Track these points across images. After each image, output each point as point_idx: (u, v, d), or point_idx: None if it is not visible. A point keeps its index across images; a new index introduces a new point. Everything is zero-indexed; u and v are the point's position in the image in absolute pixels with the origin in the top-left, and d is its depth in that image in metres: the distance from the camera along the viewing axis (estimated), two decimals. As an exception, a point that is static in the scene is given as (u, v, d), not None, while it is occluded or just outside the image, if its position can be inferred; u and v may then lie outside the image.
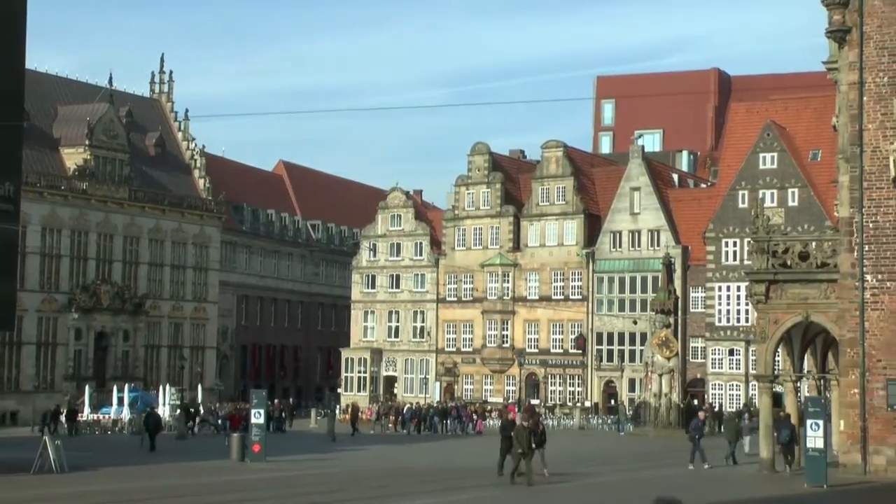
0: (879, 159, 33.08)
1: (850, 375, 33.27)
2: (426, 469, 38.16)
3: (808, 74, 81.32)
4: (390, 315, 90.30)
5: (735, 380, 76.05)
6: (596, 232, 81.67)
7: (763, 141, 75.54)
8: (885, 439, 32.52)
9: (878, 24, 33.27)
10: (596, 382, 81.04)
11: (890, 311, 32.75)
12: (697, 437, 38.28)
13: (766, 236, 35.60)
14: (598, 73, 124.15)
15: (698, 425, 39.50)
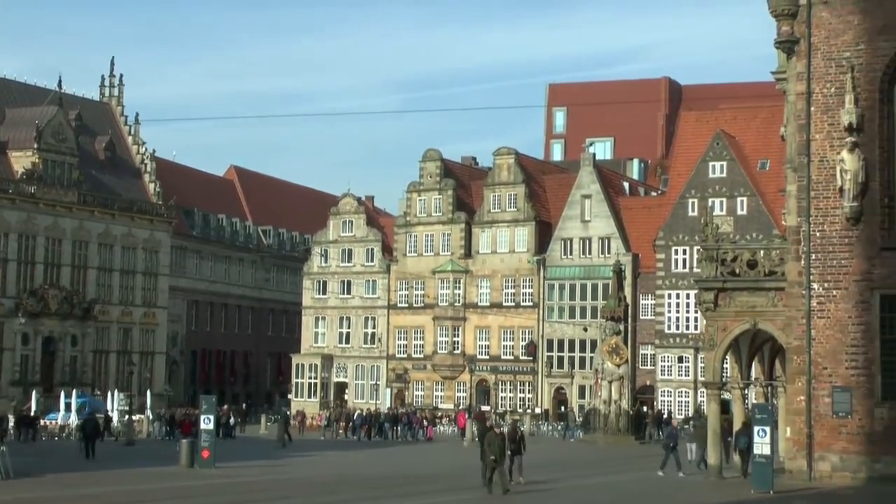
0: (826, 169, 33.42)
1: (796, 383, 33.57)
2: (377, 475, 38.09)
3: (758, 84, 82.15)
4: (341, 321, 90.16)
5: (684, 387, 76.58)
6: (547, 239, 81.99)
7: (713, 150, 76.17)
8: (830, 446, 32.85)
9: (825, 35, 33.63)
10: (546, 389, 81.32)
11: (835, 319, 33.09)
12: (672, 444, 38.28)
13: (715, 244, 35.85)
14: (550, 81, 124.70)
15: (673, 433, 39.66)
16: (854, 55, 33.23)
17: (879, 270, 32.74)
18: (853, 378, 32.75)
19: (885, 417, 32.34)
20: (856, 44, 33.26)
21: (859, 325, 32.81)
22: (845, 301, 33.00)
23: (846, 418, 32.70)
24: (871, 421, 32.43)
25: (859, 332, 32.79)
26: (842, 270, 33.12)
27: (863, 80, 33.07)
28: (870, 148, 32.88)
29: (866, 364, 32.65)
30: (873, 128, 32.92)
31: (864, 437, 32.45)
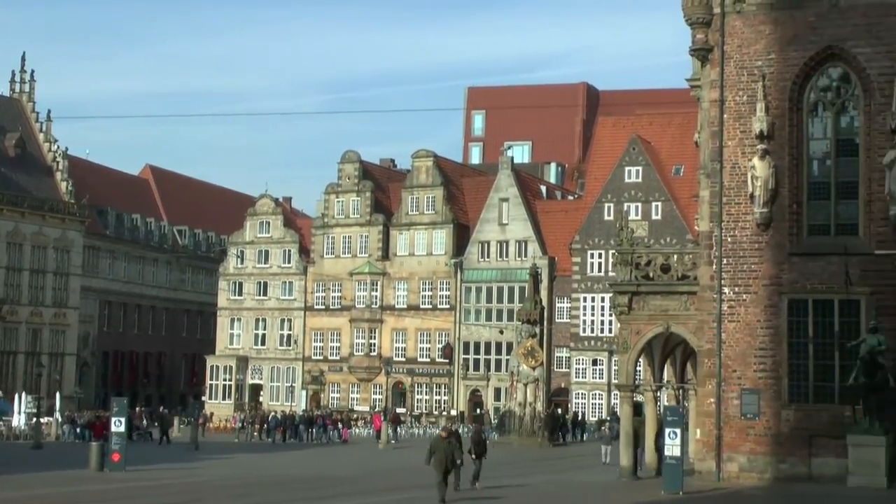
0: (738, 175, 33.98)
1: (706, 385, 34.09)
2: (291, 478, 37.93)
3: (673, 91, 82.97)
4: (257, 322, 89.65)
5: (598, 389, 77.26)
6: (464, 242, 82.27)
7: (629, 155, 76.97)
8: (738, 447, 33.42)
9: (738, 44, 34.20)
10: (462, 391, 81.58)
11: (745, 322, 33.66)
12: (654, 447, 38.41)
13: (629, 248, 36.23)
14: (469, 85, 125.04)
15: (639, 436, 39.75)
16: (765, 64, 33.85)
17: (788, 275, 33.39)
18: (761, 381, 33.36)
19: (791, 419, 33.00)
20: (767, 53, 33.89)
21: (768, 329, 33.43)
22: (755, 305, 33.61)
23: (754, 420, 33.30)
24: (777, 423, 33.07)
25: (768, 336, 33.40)
26: (752, 275, 33.73)
27: (773, 89, 33.71)
28: (780, 155, 33.52)
29: (774, 367, 33.28)
30: (783, 135, 33.57)
31: (771, 439, 33.08)
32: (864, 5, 33.00)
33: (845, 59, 33.37)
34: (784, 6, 33.80)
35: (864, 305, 32.60)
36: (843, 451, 31.47)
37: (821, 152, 34.21)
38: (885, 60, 32.64)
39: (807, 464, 32.69)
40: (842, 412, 32.37)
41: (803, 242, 33.64)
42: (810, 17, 33.56)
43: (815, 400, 33.11)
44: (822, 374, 33.16)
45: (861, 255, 32.62)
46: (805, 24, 33.58)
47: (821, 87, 33.95)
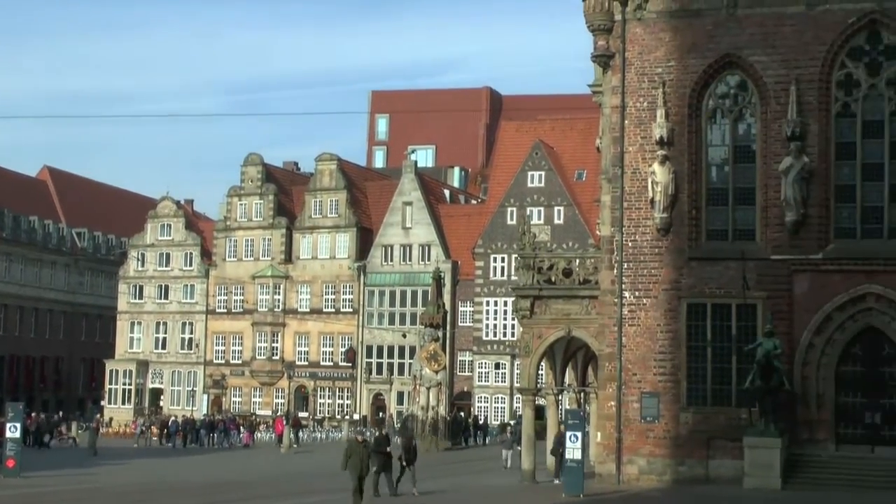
0: (639, 181, 34.40)
1: (607, 388, 34.43)
2: (190, 483, 37.49)
3: (576, 97, 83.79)
4: (158, 326, 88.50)
5: (500, 392, 77.58)
6: (368, 245, 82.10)
7: (531, 160, 77.42)
8: (638, 449, 33.82)
9: (639, 51, 34.64)
10: (365, 395, 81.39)
11: (646, 326, 34.07)
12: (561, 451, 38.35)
13: (532, 253, 36.47)
14: (373, 88, 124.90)
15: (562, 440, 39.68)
16: (665, 71, 34.34)
17: (687, 280, 33.88)
18: (661, 384, 33.81)
19: (690, 422, 33.49)
20: (667, 60, 34.37)
21: (667, 333, 33.89)
22: (655, 309, 34.04)
23: (653, 423, 33.74)
24: (676, 425, 33.54)
25: (667, 340, 33.87)
26: (652, 279, 34.16)
27: (673, 96, 34.20)
28: (679, 161, 34.01)
29: (673, 370, 33.75)
30: (683, 142, 34.07)
31: (670, 441, 33.53)
32: (759, 15, 33.66)
33: (742, 67, 34.00)
34: (683, 15, 34.32)
35: (760, 310, 33.21)
36: (740, 452, 32.02)
37: (719, 158, 34.77)
38: (780, 69, 33.32)
39: (704, 465, 33.20)
40: (738, 415, 32.95)
41: (702, 247, 34.17)
42: (708, 25, 34.13)
43: (713, 403, 33.65)
44: (720, 378, 33.73)
45: (758, 260, 33.25)
46: (703, 32, 34.14)
47: (719, 95, 34.53)
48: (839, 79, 33.51)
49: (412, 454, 32.89)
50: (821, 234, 33.12)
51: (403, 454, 32.74)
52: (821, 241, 33.10)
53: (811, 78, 33.14)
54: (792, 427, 32.67)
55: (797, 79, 33.05)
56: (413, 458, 32.82)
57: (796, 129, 32.86)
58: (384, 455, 31.56)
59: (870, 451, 32.70)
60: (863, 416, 33.08)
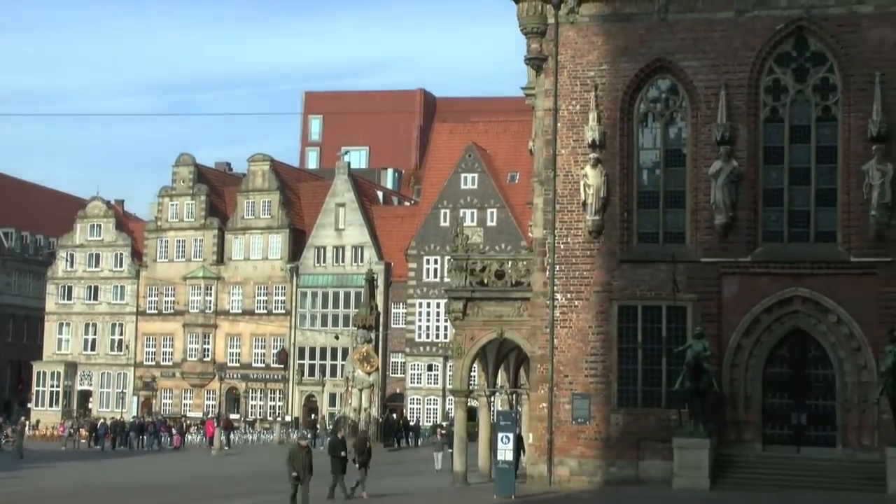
0: (571, 183, 34.60)
1: (539, 390, 34.59)
2: (118, 486, 37.09)
3: (509, 99, 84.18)
4: (87, 327, 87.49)
5: (433, 394, 77.67)
6: (301, 247, 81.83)
7: (465, 162, 77.62)
8: (569, 451, 34.02)
9: (571, 54, 34.85)
10: (297, 397, 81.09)
11: (577, 328, 34.28)
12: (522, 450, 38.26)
13: (464, 255, 36.52)
14: (307, 89, 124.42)
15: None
16: (598, 75, 34.58)
17: (618, 282, 34.14)
18: (592, 385, 34.04)
19: (620, 423, 33.75)
20: (599, 64, 34.62)
21: (599, 335, 34.13)
22: (586, 311, 34.27)
23: (585, 424, 33.95)
24: (607, 427, 33.79)
25: (599, 342, 34.10)
26: (584, 282, 34.37)
27: (605, 99, 34.45)
28: (611, 164, 34.26)
29: (604, 372, 33.99)
30: (615, 145, 34.33)
31: (601, 443, 33.78)
32: (690, 20, 34.02)
33: (673, 71, 34.34)
34: (615, 19, 34.58)
35: (690, 312, 33.57)
36: (670, 453, 32.32)
37: (650, 162, 35.10)
38: (710, 73, 33.70)
39: (635, 466, 33.47)
40: (668, 416, 33.26)
41: (633, 250, 34.45)
42: (640, 30, 34.42)
43: (644, 404, 33.95)
44: (650, 379, 34.05)
45: (687, 263, 33.60)
46: (636, 36, 34.43)
47: (650, 99, 34.85)
48: (767, 84, 33.97)
49: (366, 455, 32.56)
50: (749, 237, 33.54)
51: (357, 456, 32.40)
52: (749, 244, 33.52)
53: (740, 83, 33.57)
54: (720, 428, 33.06)
55: (727, 84, 33.45)
56: (367, 459, 32.49)
57: (726, 133, 33.26)
58: (340, 459, 31.34)
59: (796, 451, 33.19)
60: (789, 417, 33.57)
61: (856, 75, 32.91)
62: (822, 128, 33.73)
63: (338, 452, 31.60)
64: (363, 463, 32.12)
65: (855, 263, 32.79)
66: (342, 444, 32.42)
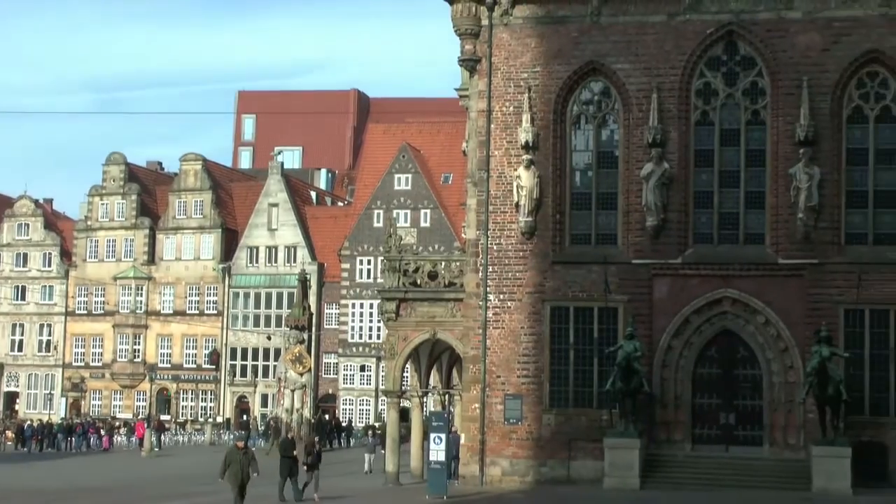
0: (504, 184, 34.75)
1: (471, 391, 34.71)
2: (43, 489, 36.60)
3: (443, 100, 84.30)
4: (14, 328, 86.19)
5: (366, 395, 77.53)
6: (233, 247, 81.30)
7: (398, 162, 77.56)
8: (502, 451, 34.17)
9: (505, 56, 34.99)
10: (229, 398, 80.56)
11: (510, 329, 34.44)
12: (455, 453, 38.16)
13: (398, 255, 36.54)
14: (240, 88, 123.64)
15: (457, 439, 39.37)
16: (531, 76, 34.76)
17: (551, 283, 34.35)
18: (524, 386, 34.22)
19: (552, 424, 33.97)
20: (533, 66, 34.80)
21: (531, 336, 34.32)
22: (519, 312, 34.43)
23: (517, 425, 34.12)
24: (539, 427, 33.99)
25: (531, 342, 34.29)
26: (516, 283, 34.54)
27: (539, 101, 34.64)
28: (544, 166, 34.46)
29: (536, 372, 34.18)
30: (548, 146, 34.54)
31: (533, 443, 33.97)
32: (623, 23, 34.32)
33: (606, 73, 34.62)
34: (549, 21, 34.78)
35: (621, 313, 33.87)
36: (601, 453, 32.60)
37: (583, 164, 35.35)
38: (642, 76, 34.02)
39: (566, 466, 33.71)
40: (599, 416, 33.55)
41: (565, 251, 34.68)
42: (574, 32, 34.65)
43: (575, 404, 34.20)
44: (582, 380, 34.31)
45: (619, 264, 33.90)
46: (569, 39, 34.66)
47: (583, 101, 35.11)
48: (698, 87, 34.37)
49: (316, 457, 32.15)
50: (680, 239, 33.90)
51: (306, 458, 32.09)
52: (680, 245, 33.89)
53: (672, 86, 33.92)
54: (651, 428, 33.39)
55: (658, 87, 33.78)
56: (317, 461, 32.03)
57: (657, 135, 33.59)
58: (290, 459, 31.08)
59: (724, 450, 33.61)
60: (718, 417, 33.99)
61: (784, 80, 33.40)
62: (751, 131, 34.20)
63: (289, 453, 31.34)
64: (313, 465, 31.79)
65: (783, 265, 33.28)
66: (292, 445, 32.11)
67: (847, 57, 33.15)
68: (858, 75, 33.46)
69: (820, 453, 31.28)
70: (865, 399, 32.80)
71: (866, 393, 32.82)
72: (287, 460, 31.11)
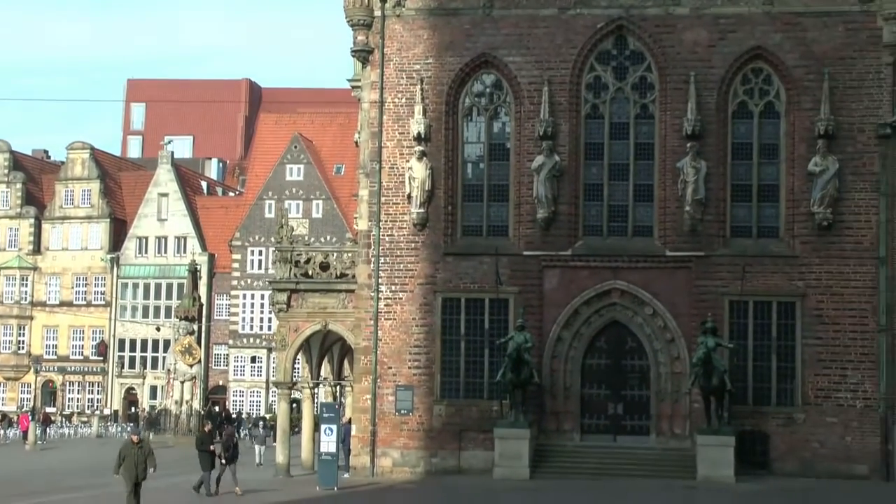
0: (396, 176, 34.79)
1: (363, 382, 34.72)
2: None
3: (335, 90, 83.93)
4: None
5: (256, 386, 77.04)
6: (122, 237, 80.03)
7: (290, 153, 77.12)
8: (392, 442, 34.27)
9: (397, 47, 35.01)
10: (117, 390, 79.35)
11: (401, 320, 34.51)
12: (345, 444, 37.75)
13: (289, 246, 36.36)
14: (130, 77, 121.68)
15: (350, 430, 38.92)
16: (424, 68, 34.84)
17: (442, 274, 34.49)
18: (415, 377, 34.33)
19: (443, 414, 34.14)
20: (425, 57, 34.88)
21: (423, 327, 34.43)
22: (410, 303, 34.52)
23: (408, 416, 34.22)
24: (430, 418, 34.14)
25: (422, 333, 34.41)
26: (408, 274, 34.63)
27: (431, 93, 34.75)
28: (436, 157, 34.58)
29: (428, 364, 34.32)
30: (440, 138, 34.67)
31: (424, 434, 34.11)
32: (514, 16, 34.55)
33: (498, 66, 34.84)
34: (441, 13, 34.89)
35: (512, 304, 34.15)
36: (491, 444, 32.84)
37: (475, 156, 35.55)
38: (533, 69, 34.30)
39: (457, 457, 33.91)
40: (490, 407, 33.78)
41: (457, 243, 34.85)
42: (466, 24, 34.80)
43: (466, 395, 34.41)
44: (473, 371, 34.54)
45: (510, 256, 34.15)
46: (461, 31, 34.81)
47: (475, 93, 35.28)
48: (588, 81, 34.78)
49: (233, 452, 31.45)
50: (570, 231, 34.28)
51: (223, 451, 31.56)
52: (570, 237, 34.26)
53: (562, 79, 34.26)
54: (540, 418, 33.75)
55: (549, 80, 34.09)
56: (234, 455, 31.38)
57: (548, 128, 33.90)
58: (209, 453, 30.64)
59: (612, 440, 34.13)
60: (606, 407, 34.48)
61: (672, 74, 33.95)
62: (640, 125, 34.70)
63: (205, 447, 30.85)
64: (230, 458, 31.27)
65: (670, 257, 33.85)
66: (209, 438, 31.59)
67: (732, 53, 33.84)
68: (743, 71, 34.18)
69: (704, 442, 31.91)
70: (748, 389, 33.55)
71: (749, 383, 33.57)
72: (205, 454, 30.65)
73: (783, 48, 33.73)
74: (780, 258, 33.59)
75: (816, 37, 33.58)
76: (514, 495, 30.01)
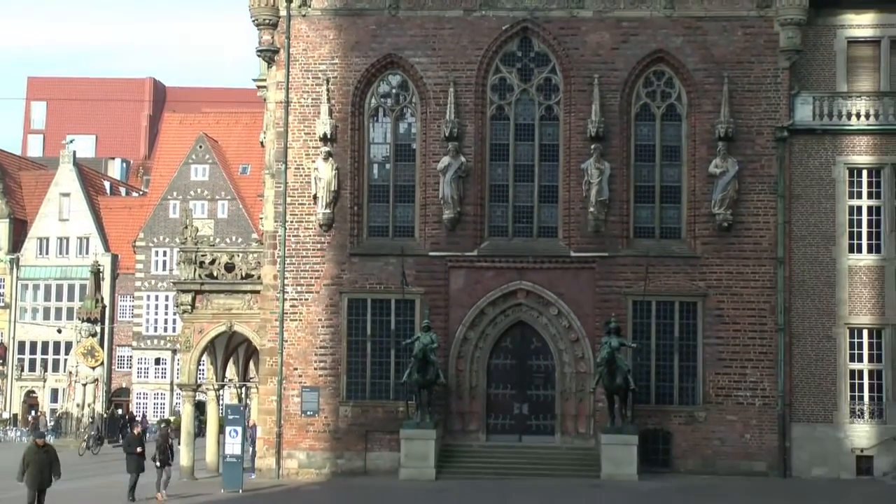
0: (302, 176, 34.67)
1: (268, 383, 34.54)
2: None
3: (241, 90, 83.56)
4: None
5: (161, 389, 76.20)
6: (22, 237, 78.63)
7: (195, 153, 76.43)
8: (298, 444, 34.13)
9: (303, 47, 34.88)
10: (16, 393, 77.93)
11: (307, 321, 34.39)
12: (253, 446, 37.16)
13: (194, 247, 36.04)
14: (30, 74, 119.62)
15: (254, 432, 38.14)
16: (330, 68, 34.76)
17: (348, 275, 34.45)
18: (321, 378, 34.26)
19: (349, 415, 34.10)
20: (331, 58, 34.81)
21: (328, 328, 34.36)
22: (316, 304, 34.42)
23: (313, 417, 34.12)
24: (336, 419, 34.09)
25: (328, 334, 34.33)
26: (314, 274, 34.53)
27: (337, 93, 34.69)
28: (342, 158, 34.53)
29: (334, 364, 34.25)
30: (346, 139, 34.62)
31: (330, 435, 34.05)
32: (420, 17, 34.64)
33: (404, 67, 34.89)
34: (347, 13, 34.85)
35: (418, 305, 34.22)
36: (398, 444, 32.88)
37: (381, 156, 35.55)
38: (439, 70, 34.41)
39: (363, 458, 33.90)
40: (396, 408, 33.82)
41: (363, 243, 34.82)
42: (372, 25, 34.80)
43: (372, 396, 34.41)
44: (379, 372, 34.55)
45: (416, 256, 34.21)
46: (367, 31, 34.79)
47: (381, 94, 35.30)
48: (494, 83, 34.97)
49: (167, 455, 30.63)
50: (476, 231, 34.43)
51: (158, 454, 30.86)
52: (476, 238, 34.42)
53: (468, 81, 34.41)
54: (446, 419, 33.85)
55: (455, 81, 34.22)
56: (168, 459, 30.56)
57: (454, 129, 34.03)
58: (138, 456, 30.04)
59: (517, 440, 34.34)
60: (512, 407, 34.68)
61: (576, 77, 34.28)
62: (545, 126, 34.98)
63: (133, 449, 30.31)
64: (164, 462, 30.64)
65: (574, 258, 34.16)
66: (138, 441, 31.02)
67: (635, 56, 34.27)
68: (646, 74, 34.62)
69: (608, 441, 32.27)
70: (651, 388, 33.97)
71: (652, 382, 34.00)
72: (132, 457, 30.12)
73: (684, 52, 34.25)
74: (682, 259, 34.10)
75: (716, 41, 34.17)
76: (419, 496, 30.07)
